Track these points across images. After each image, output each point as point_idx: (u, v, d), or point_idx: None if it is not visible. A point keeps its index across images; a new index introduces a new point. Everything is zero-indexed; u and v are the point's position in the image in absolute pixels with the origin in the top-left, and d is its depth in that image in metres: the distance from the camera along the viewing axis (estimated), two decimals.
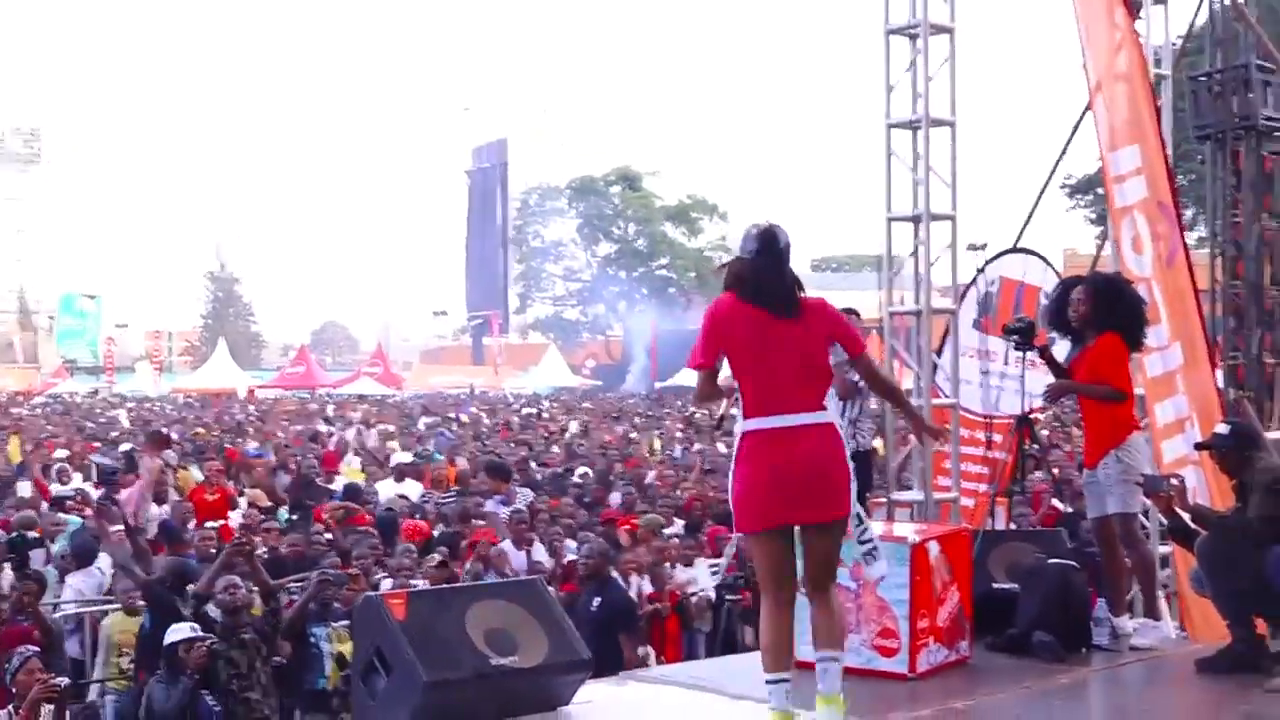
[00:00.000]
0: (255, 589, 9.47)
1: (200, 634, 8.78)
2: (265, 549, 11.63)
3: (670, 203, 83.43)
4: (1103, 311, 8.00)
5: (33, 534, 12.60)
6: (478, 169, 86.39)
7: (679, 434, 28.71)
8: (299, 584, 10.76)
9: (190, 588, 9.53)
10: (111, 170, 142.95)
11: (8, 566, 11.17)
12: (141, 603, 10.00)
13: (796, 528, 5.77)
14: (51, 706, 6.89)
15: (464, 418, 34.59)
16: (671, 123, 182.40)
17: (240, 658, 9.25)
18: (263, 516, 13.69)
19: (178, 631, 8.76)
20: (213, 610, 9.51)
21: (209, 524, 13.11)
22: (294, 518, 14.28)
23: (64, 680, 7.34)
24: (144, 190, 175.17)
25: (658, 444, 25.22)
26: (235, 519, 13.99)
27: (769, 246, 5.90)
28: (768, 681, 5.80)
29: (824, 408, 5.82)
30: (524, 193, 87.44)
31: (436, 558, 10.81)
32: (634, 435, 27.55)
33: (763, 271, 5.84)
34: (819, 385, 5.83)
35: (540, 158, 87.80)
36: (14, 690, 7.62)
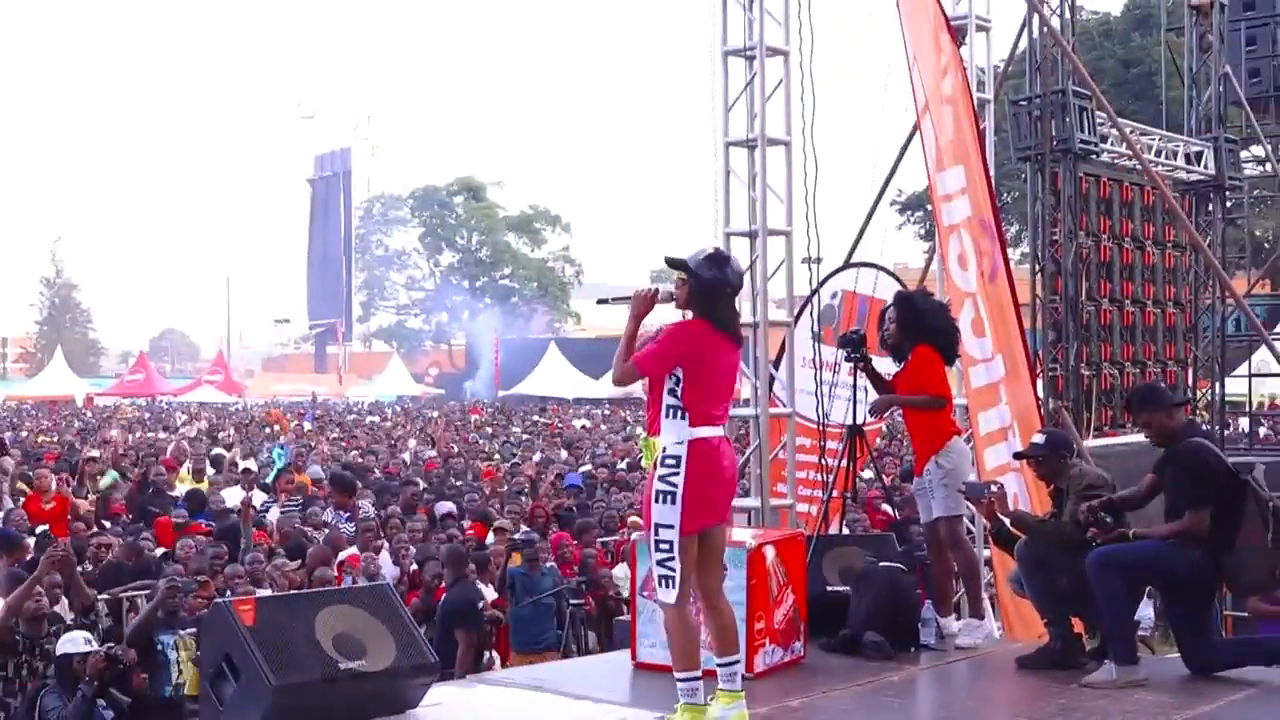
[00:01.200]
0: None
1: (94, 645, 8.68)
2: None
3: (513, 213, 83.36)
4: (911, 327, 8.31)
5: None
6: (319, 177, 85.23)
7: (525, 439, 28.73)
8: (141, 591, 10.60)
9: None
10: None
11: None
12: None
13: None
14: None
15: (307, 425, 34.19)
16: (515, 134, 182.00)
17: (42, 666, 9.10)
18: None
19: (71, 642, 8.65)
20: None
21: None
22: (138, 524, 13.98)
23: None
24: None
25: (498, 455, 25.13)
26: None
27: (739, 280, 6.26)
28: (686, 679, 6.05)
29: None
30: (366, 201, 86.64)
31: (292, 563, 10.73)
32: (480, 443, 27.47)
33: (730, 305, 6.21)
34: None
35: (383, 167, 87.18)
36: None
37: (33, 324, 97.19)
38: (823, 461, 9.69)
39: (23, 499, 15.02)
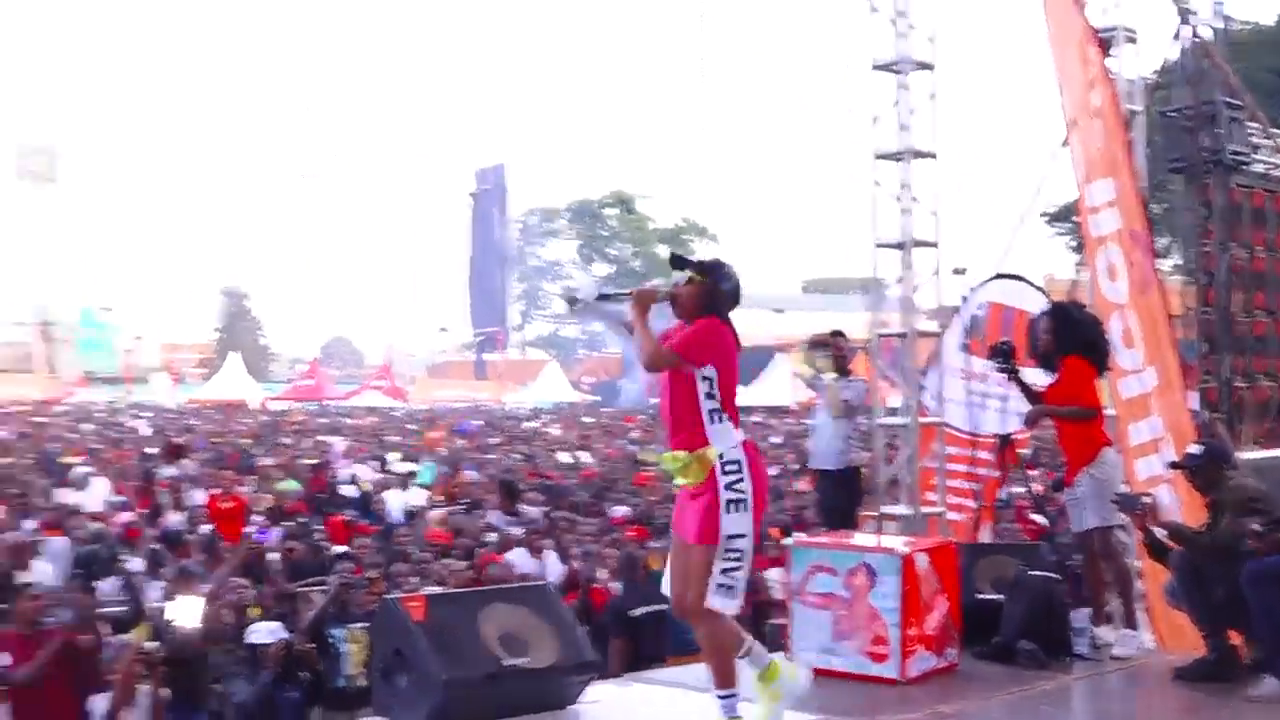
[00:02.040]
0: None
1: (281, 636, 9.07)
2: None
3: (664, 225, 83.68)
4: (1063, 337, 8.16)
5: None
6: (480, 190, 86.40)
7: None
8: (317, 588, 10.86)
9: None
10: (125, 187, 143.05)
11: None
12: None
13: None
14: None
15: (460, 441, 34.60)
16: (665, 148, 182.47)
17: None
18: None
19: (258, 633, 9.06)
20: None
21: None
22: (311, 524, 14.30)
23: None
24: (157, 206, 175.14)
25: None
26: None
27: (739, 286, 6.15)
28: (726, 697, 5.83)
29: None
30: (524, 215, 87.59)
31: (462, 564, 10.91)
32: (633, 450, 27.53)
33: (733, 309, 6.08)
34: None
35: (539, 180, 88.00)
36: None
37: (211, 331, 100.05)
38: (972, 471, 9.57)
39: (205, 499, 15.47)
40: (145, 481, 16.46)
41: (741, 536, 5.60)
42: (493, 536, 12.97)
